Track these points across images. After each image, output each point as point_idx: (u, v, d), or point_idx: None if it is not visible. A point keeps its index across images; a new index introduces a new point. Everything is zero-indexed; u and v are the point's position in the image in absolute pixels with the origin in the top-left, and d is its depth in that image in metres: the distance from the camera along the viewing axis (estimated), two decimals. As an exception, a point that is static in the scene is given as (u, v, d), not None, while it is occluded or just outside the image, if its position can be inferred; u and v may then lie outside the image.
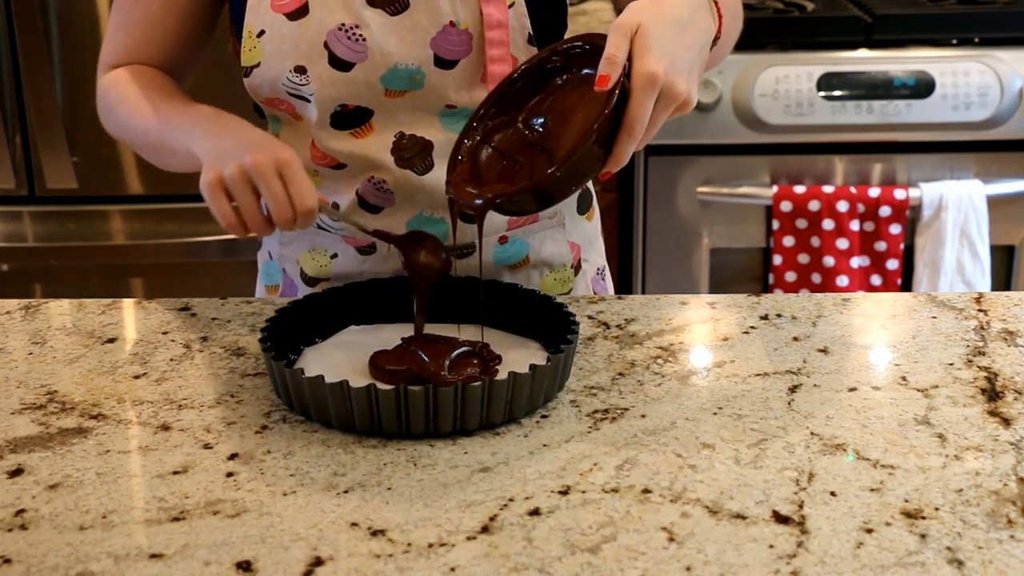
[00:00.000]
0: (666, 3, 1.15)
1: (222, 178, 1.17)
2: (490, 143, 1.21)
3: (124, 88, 1.39)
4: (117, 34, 1.43)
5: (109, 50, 1.43)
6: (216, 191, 1.17)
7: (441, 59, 1.31)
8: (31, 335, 1.32)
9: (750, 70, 2.47)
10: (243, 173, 1.16)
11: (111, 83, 1.41)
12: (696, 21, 1.16)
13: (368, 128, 1.34)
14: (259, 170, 1.15)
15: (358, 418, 1.08)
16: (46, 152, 2.56)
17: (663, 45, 1.10)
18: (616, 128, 1.10)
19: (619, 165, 1.12)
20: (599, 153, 1.11)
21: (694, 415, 1.12)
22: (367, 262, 1.40)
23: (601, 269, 1.54)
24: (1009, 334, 1.30)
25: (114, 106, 1.40)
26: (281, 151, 1.17)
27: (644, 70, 1.09)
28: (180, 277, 2.63)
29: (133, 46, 1.41)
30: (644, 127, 1.10)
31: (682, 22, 1.14)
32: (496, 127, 1.22)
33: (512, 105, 1.22)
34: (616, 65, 1.09)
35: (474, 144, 1.21)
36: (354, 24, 1.30)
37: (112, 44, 1.43)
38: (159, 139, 1.33)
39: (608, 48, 1.10)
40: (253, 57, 1.32)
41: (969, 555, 0.91)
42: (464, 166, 1.20)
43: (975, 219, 2.49)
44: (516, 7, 1.32)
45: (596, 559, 0.91)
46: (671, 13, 1.13)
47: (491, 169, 1.20)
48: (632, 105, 1.09)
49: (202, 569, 0.90)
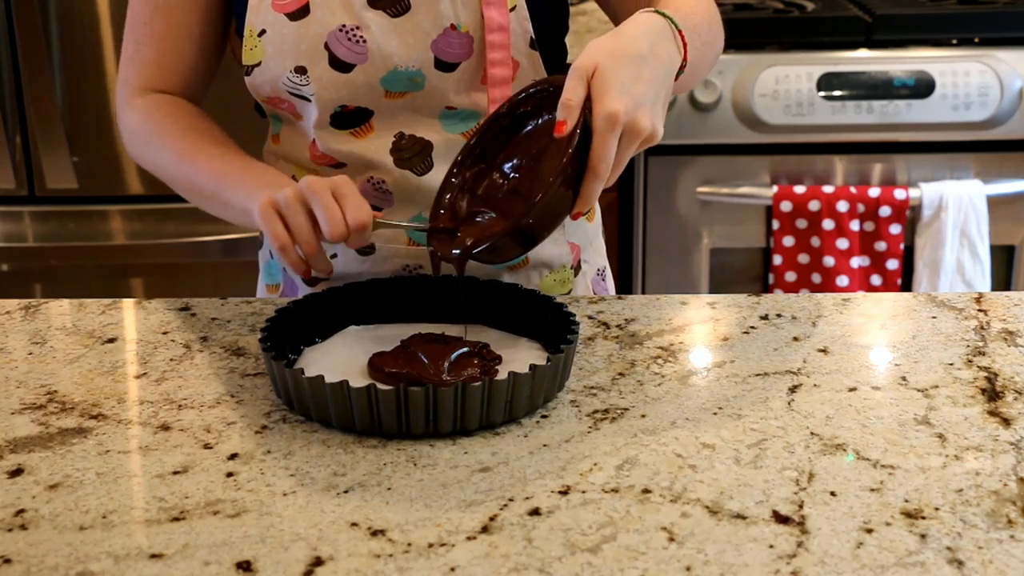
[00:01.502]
0: (624, 39, 1.14)
1: (276, 202, 1.17)
2: (470, 192, 1.23)
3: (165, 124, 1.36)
4: (141, 50, 1.39)
5: (136, 70, 1.39)
6: (270, 213, 1.17)
7: (442, 61, 1.31)
8: (31, 335, 1.32)
9: (750, 70, 2.47)
10: (297, 194, 1.16)
11: (145, 116, 1.38)
12: (657, 54, 1.15)
13: (368, 128, 1.34)
14: (313, 189, 1.15)
15: (358, 418, 1.08)
16: (46, 152, 2.56)
17: (622, 83, 1.10)
18: (583, 169, 1.11)
19: (587, 205, 1.13)
20: (568, 194, 1.12)
21: (694, 415, 1.12)
22: (367, 263, 1.40)
23: (602, 269, 1.54)
24: (1009, 334, 1.30)
25: (154, 144, 1.37)
26: (337, 176, 1.18)
27: (604, 111, 1.09)
28: (180, 277, 2.63)
29: (161, 59, 1.38)
30: (609, 166, 1.10)
31: (641, 57, 1.13)
32: (474, 176, 1.24)
33: (487, 153, 1.24)
34: (572, 110, 1.09)
35: (454, 195, 1.23)
36: (355, 25, 1.30)
37: (138, 63, 1.39)
38: (212, 191, 1.32)
39: (564, 93, 1.10)
40: (254, 56, 1.32)
41: (969, 555, 0.91)
42: (445, 217, 1.23)
43: (975, 219, 2.49)
44: (518, 10, 1.32)
45: (596, 559, 0.91)
46: (629, 49, 1.13)
47: (471, 218, 1.22)
48: (595, 146, 1.10)
49: (202, 569, 0.90)
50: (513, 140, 1.23)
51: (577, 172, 1.11)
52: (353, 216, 1.15)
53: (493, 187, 1.23)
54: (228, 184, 1.30)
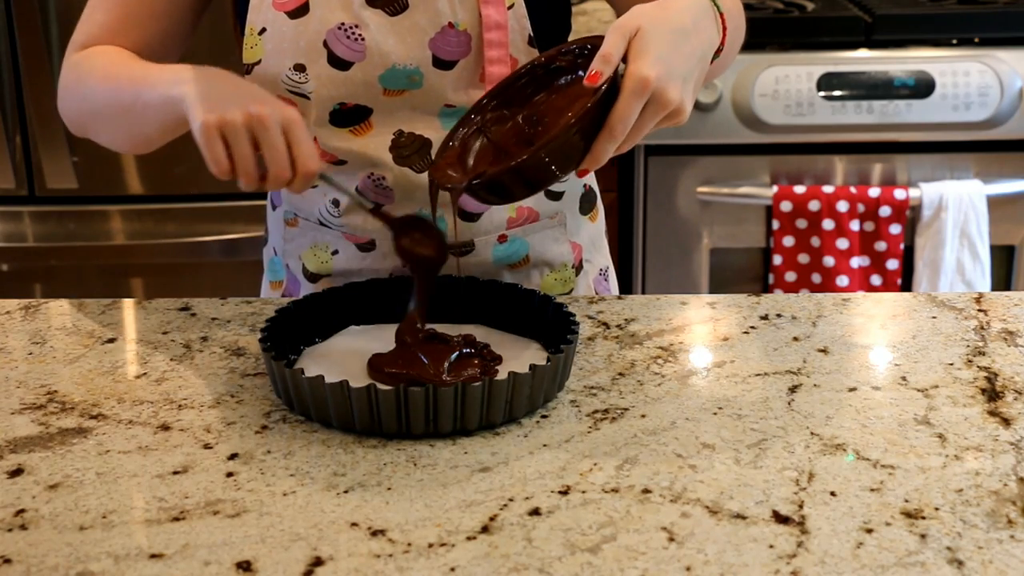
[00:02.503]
0: (670, 9, 1.13)
1: (224, 122, 1.10)
2: (485, 133, 1.21)
3: (95, 59, 1.32)
4: (94, 14, 1.36)
5: (84, 31, 1.36)
6: (213, 133, 1.10)
7: (439, 60, 1.31)
8: (31, 335, 1.32)
9: (750, 70, 2.47)
10: (247, 121, 1.10)
11: (79, 59, 1.34)
12: (699, 30, 1.14)
13: (367, 126, 1.34)
14: (264, 122, 1.10)
15: (358, 418, 1.08)
16: (46, 152, 2.56)
17: (660, 50, 1.09)
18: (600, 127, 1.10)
19: (596, 164, 1.10)
20: (579, 145, 1.10)
21: (694, 415, 1.12)
22: (367, 259, 1.40)
23: (604, 270, 1.54)
24: (1009, 334, 1.30)
25: (82, 78, 1.32)
26: (286, 109, 1.13)
27: (637, 73, 1.08)
28: (180, 277, 2.63)
29: (112, 25, 1.35)
30: (627, 129, 1.08)
31: (684, 30, 1.12)
32: (494, 119, 1.22)
33: (513, 100, 1.22)
34: (609, 63, 1.08)
35: (468, 132, 1.21)
36: (353, 24, 1.30)
37: (88, 25, 1.36)
38: (132, 98, 1.24)
39: (604, 46, 1.09)
40: (254, 55, 1.33)
41: (969, 555, 0.91)
42: (453, 151, 1.20)
43: (975, 219, 2.49)
44: (515, 9, 1.32)
45: (596, 559, 0.91)
46: (673, 20, 1.12)
47: (480, 157, 1.20)
48: (618, 105, 1.08)
49: (202, 569, 0.90)
50: (542, 92, 1.21)
51: (594, 128, 1.09)
52: (302, 163, 1.11)
53: (509, 133, 1.21)
54: (146, 82, 1.23)
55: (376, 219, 1.25)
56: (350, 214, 1.38)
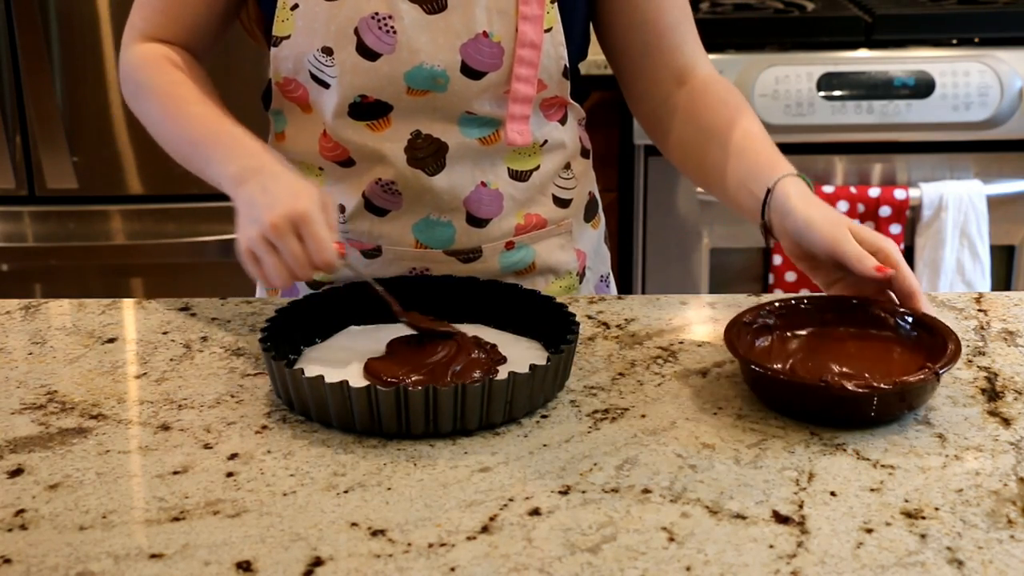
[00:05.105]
0: (827, 206, 1.26)
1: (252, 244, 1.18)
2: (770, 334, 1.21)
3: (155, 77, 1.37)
4: None
5: (143, 15, 1.40)
6: (247, 257, 1.18)
7: (468, 67, 1.30)
8: (31, 335, 1.32)
9: (750, 70, 2.47)
10: (263, 239, 1.16)
11: (140, 63, 1.38)
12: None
13: (385, 122, 1.33)
14: (278, 231, 1.15)
15: (358, 418, 1.08)
16: (46, 152, 2.56)
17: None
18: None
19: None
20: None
21: (694, 415, 1.12)
22: (372, 264, 1.39)
23: (605, 276, 1.54)
24: (1009, 334, 1.29)
25: (141, 97, 1.38)
26: (296, 202, 1.16)
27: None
28: (180, 277, 2.64)
29: (168, 8, 1.39)
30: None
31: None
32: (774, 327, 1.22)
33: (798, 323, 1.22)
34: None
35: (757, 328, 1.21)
36: (388, 14, 1.29)
37: (146, 8, 1.40)
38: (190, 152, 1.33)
39: (865, 262, 1.19)
40: (285, 28, 1.31)
41: (969, 555, 0.91)
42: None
43: (975, 219, 2.49)
44: (554, 33, 1.32)
45: (596, 559, 0.91)
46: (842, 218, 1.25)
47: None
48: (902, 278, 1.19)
49: (202, 569, 0.90)
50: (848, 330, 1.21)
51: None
52: (317, 256, 1.15)
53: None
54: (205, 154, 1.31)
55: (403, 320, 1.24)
56: (355, 220, 1.38)
